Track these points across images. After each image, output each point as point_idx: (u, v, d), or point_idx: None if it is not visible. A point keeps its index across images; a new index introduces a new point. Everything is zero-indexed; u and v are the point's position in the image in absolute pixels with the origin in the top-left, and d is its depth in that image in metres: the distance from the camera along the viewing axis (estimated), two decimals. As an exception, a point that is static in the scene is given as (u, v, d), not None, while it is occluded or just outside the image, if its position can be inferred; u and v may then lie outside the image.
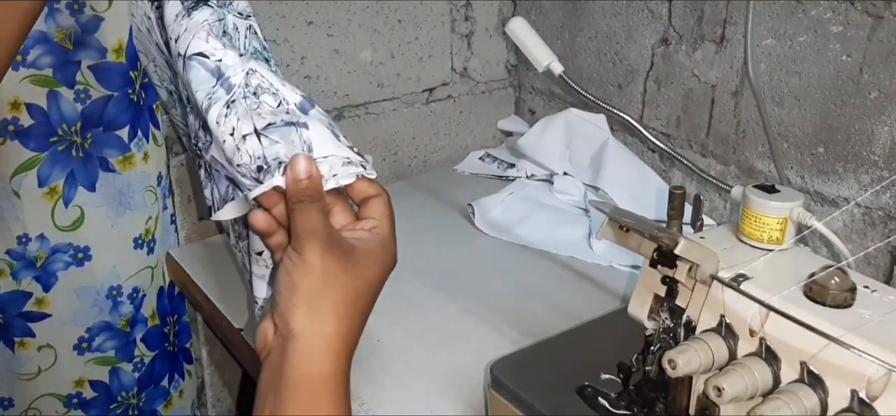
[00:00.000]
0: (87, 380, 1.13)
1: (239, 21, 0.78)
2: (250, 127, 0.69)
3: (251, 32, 0.79)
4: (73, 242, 1.07)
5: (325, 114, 0.73)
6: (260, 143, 0.68)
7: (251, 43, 0.78)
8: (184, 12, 0.75)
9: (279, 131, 0.69)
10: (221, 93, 0.71)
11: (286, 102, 0.71)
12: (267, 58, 0.78)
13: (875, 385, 0.57)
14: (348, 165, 0.70)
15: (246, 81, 0.71)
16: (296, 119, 0.70)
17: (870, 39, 0.96)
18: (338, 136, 0.71)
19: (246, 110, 0.69)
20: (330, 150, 0.69)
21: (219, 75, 0.71)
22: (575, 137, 1.33)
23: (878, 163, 0.99)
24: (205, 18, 0.74)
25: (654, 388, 0.73)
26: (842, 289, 0.63)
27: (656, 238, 0.70)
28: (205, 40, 0.72)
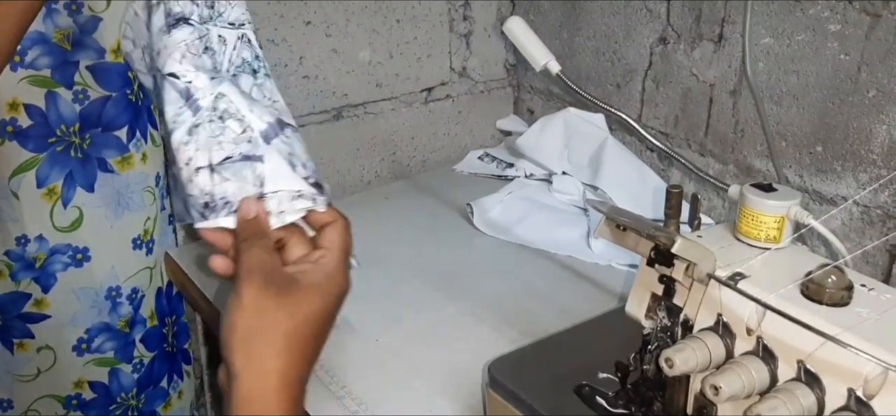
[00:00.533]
0: (86, 381, 1.13)
1: (228, 32, 0.78)
2: (206, 160, 0.72)
3: (243, 42, 0.79)
4: (71, 243, 1.07)
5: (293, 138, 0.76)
6: (211, 179, 0.71)
7: (240, 54, 0.78)
8: (165, 28, 0.76)
9: (233, 168, 0.71)
10: (188, 115, 0.74)
11: (251, 128, 0.73)
12: (256, 68, 0.78)
13: (872, 384, 0.57)
14: (298, 199, 0.73)
15: (214, 105, 0.74)
16: (253, 152, 0.72)
17: (868, 38, 0.96)
18: (295, 166, 0.73)
19: (207, 139, 0.72)
20: (282, 184, 0.72)
21: (187, 97, 0.74)
22: (574, 136, 1.33)
23: (877, 161, 0.99)
24: (183, 38, 0.76)
25: (652, 387, 0.73)
26: (838, 287, 0.63)
27: (653, 237, 0.70)
28: (178, 62, 0.75)
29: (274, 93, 0.80)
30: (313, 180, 0.75)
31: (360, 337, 0.98)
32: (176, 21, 0.76)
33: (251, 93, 0.78)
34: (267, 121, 0.75)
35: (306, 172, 0.75)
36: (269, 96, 0.80)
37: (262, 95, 0.79)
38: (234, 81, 0.76)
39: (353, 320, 1.01)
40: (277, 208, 0.72)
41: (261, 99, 0.77)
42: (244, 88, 0.77)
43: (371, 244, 1.19)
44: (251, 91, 0.78)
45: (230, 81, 0.76)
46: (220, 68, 0.76)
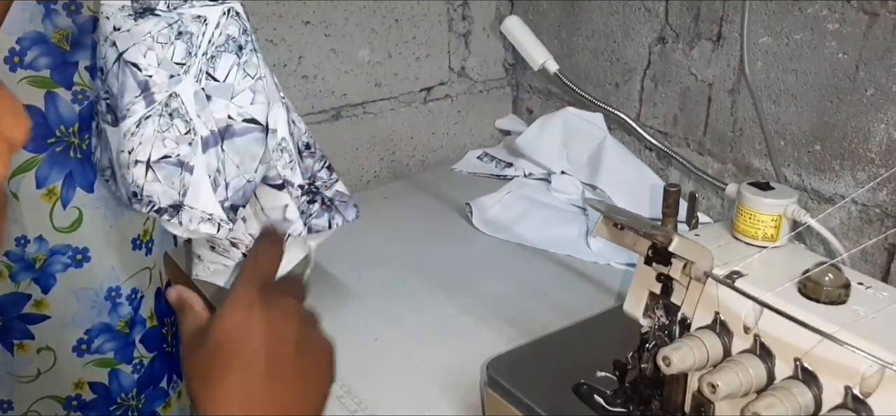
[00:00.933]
0: (86, 382, 1.13)
1: (210, 10, 0.80)
2: (145, 155, 0.77)
3: (229, 17, 0.80)
4: (71, 243, 1.07)
5: (230, 151, 0.81)
6: (145, 175, 0.77)
7: (225, 31, 0.80)
8: (131, 12, 0.78)
9: (166, 169, 0.77)
10: (141, 107, 0.78)
11: (194, 132, 0.78)
12: (241, 44, 0.81)
13: (869, 382, 0.57)
14: (206, 222, 0.79)
15: (167, 102, 0.78)
16: (188, 159, 0.78)
17: (866, 37, 0.97)
18: (217, 186, 0.79)
19: (152, 133, 0.77)
20: (198, 201, 0.78)
21: (145, 88, 0.78)
22: (572, 135, 1.33)
23: (875, 160, 0.99)
24: (148, 30, 0.78)
25: (650, 385, 0.73)
26: (835, 286, 0.63)
27: (651, 236, 0.70)
28: (143, 54, 0.78)
29: (260, 68, 0.82)
30: (229, 204, 0.79)
31: (359, 337, 0.98)
32: (142, 10, 0.78)
33: (230, 74, 0.80)
34: (210, 129, 0.79)
35: (225, 195, 0.80)
36: (254, 73, 0.81)
37: (245, 72, 0.80)
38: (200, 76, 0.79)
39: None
40: (186, 222, 0.78)
41: (242, 78, 0.80)
42: (225, 66, 0.80)
43: (370, 244, 1.19)
44: (230, 71, 0.80)
45: (191, 79, 0.79)
46: (195, 53, 0.78)
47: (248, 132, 0.80)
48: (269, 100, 0.83)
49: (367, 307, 1.04)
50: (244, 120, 0.80)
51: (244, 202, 0.82)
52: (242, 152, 0.80)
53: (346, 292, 1.07)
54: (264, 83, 0.82)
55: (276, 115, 0.83)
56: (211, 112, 0.79)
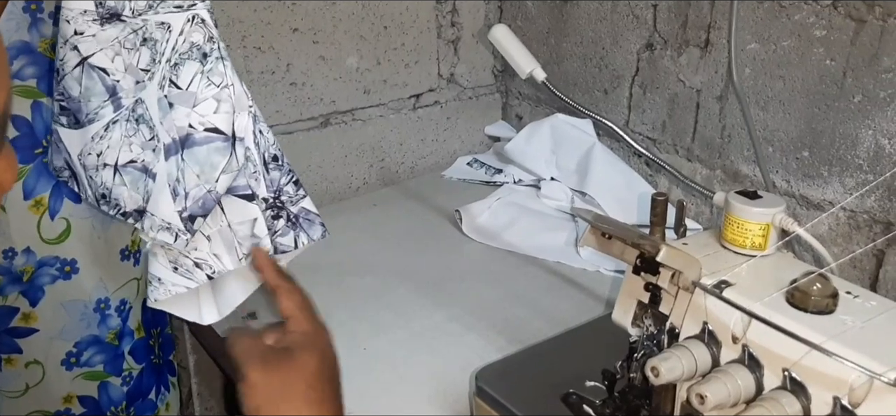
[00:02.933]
0: (75, 396, 1.12)
1: (174, 17, 0.80)
2: (113, 159, 0.79)
3: (194, 24, 0.80)
4: (59, 255, 1.06)
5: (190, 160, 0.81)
6: (113, 178, 0.79)
7: (189, 38, 0.79)
8: (96, 17, 0.79)
9: (132, 174, 0.79)
10: (109, 111, 0.79)
11: (158, 138, 0.79)
12: (206, 52, 0.80)
13: (857, 392, 0.58)
14: (165, 230, 0.80)
15: (133, 107, 0.78)
16: (152, 165, 0.79)
17: (853, 43, 0.97)
18: (176, 195, 0.79)
19: (120, 137, 0.79)
20: (158, 210, 0.80)
21: (112, 93, 0.79)
22: (562, 142, 1.33)
23: (863, 166, 0.99)
24: (115, 36, 0.78)
25: (639, 395, 0.73)
26: (823, 295, 0.63)
27: (638, 245, 0.70)
28: (111, 59, 0.78)
29: (227, 76, 0.81)
30: (188, 215, 0.79)
31: (348, 345, 0.98)
32: (109, 16, 0.78)
33: (193, 82, 0.80)
34: (172, 136, 0.79)
35: (184, 205, 0.80)
36: (219, 82, 0.80)
37: (209, 81, 0.80)
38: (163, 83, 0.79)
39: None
40: (148, 228, 0.80)
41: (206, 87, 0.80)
42: (188, 74, 0.80)
43: (359, 251, 1.19)
44: (193, 79, 0.80)
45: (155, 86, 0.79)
46: (159, 60, 0.78)
47: (209, 142, 0.79)
48: (236, 108, 0.81)
49: (355, 315, 1.04)
50: (206, 129, 0.80)
51: (204, 213, 0.81)
52: (203, 162, 0.79)
53: (335, 299, 1.06)
54: (230, 92, 0.81)
55: (242, 123, 0.82)
56: (173, 120, 0.78)
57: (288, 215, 0.87)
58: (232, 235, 0.84)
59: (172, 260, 0.83)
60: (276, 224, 0.86)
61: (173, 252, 0.83)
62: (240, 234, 0.84)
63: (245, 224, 0.84)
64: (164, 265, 0.83)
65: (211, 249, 0.83)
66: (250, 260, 0.83)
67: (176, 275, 0.83)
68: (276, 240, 0.86)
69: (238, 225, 0.84)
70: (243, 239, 0.84)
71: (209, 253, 0.83)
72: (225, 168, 0.80)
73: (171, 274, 0.83)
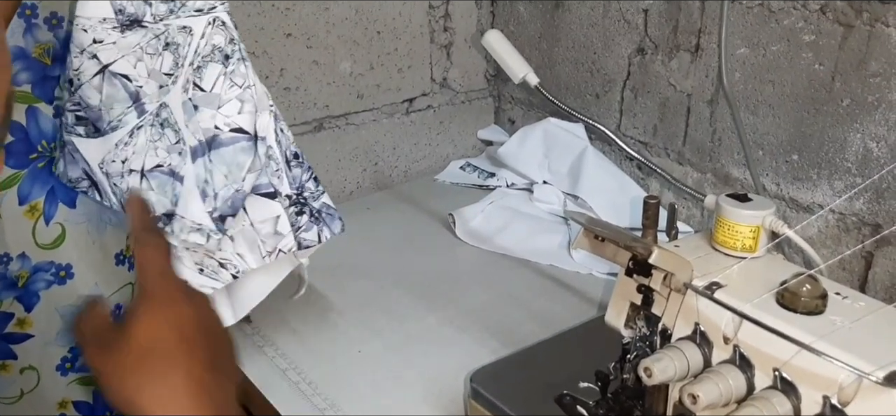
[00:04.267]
0: (70, 401, 1.12)
1: (195, 21, 0.80)
2: (139, 164, 0.79)
3: (215, 27, 0.81)
4: (54, 260, 1.06)
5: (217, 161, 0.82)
6: (140, 183, 0.79)
7: (211, 41, 0.80)
8: (116, 25, 0.78)
9: (159, 179, 0.79)
10: (133, 116, 0.79)
11: (183, 142, 0.79)
12: (228, 54, 0.81)
13: (846, 391, 0.58)
14: (195, 231, 0.80)
15: (157, 112, 0.78)
16: (179, 168, 0.79)
17: (841, 48, 0.98)
18: (206, 196, 0.80)
19: (145, 143, 0.79)
20: (189, 211, 0.80)
21: (136, 99, 0.78)
22: (554, 145, 1.34)
23: (852, 169, 1.00)
24: (137, 42, 0.78)
25: (632, 396, 0.74)
26: (813, 296, 0.64)
27: (631, 247, 0.71)
28: (133, 65, 0.78)
29: (248, 78, 0.82)
30: (218, 215, 0.80)
31: (342, 348, 0.99)
32: (129, 22, 0.78)
33: (216, 84, 0.81)
34: (198, 139, 0.79)
35: (214, 205, 0.81)
36: (241, 82, 0.82)
37: (232, 82, 0.81)
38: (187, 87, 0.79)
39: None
40: (178, 231, 0.79)
41: (229, 88, 0.81)
42: (212, 76, 0.81)
43: (353, 255, 1.19)
44: (217, 81, 0.81)
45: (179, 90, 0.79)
46: (182, 63, 0.79)
47: (235, 142, 0.81)
48: (257, 108, 0.83)
49: (349, 319, 1.04)
50: (231, 130, 0.81)
51: (233, 212, 0.82)
52: (230, 162, 0.81)
53: (329, 303, 1.07)
54: (252, 92, 0.82)
55: (264, 123, 0.83)
56: (198, 122, 0.79)
57: (310, 211, 0.89)
58: (255, 233, 0.85)
59: (198, 262, 0.84)
60: (300, 220, 0.88)
61: (199, 254, 0.83)
62: (263, 232, 0.85)
63: (268, 222, 0.85)
64: (190, 268, 0.84)
65: (235, 248, 0.84)
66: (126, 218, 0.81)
67: (202, 277, 0.84)
68: (300, 235, 0.88)
69: (261, 223, 0.85)
70: (266, 237, 0.85)
71: (233, 253, 0.84)
72: (250, 167, 0.82)
73: (198, 276, 0.84)
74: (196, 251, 0.83)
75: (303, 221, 0.88)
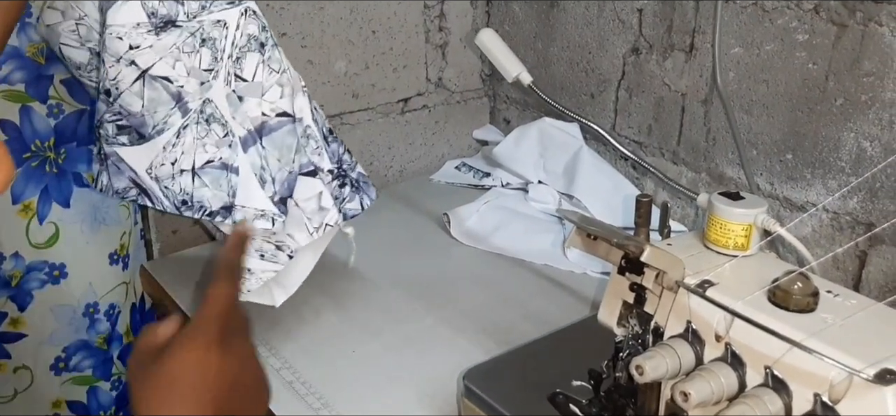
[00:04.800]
0: (64, 401, 1.12)
1: (228, 14, 0.82)
2: (190, 163, 0.79)
3: (248, 17, 0.82)
4: (48, 259, 1.07)
5: (270, 147, 0.84)
6: (192, 182, 0.79)
7: (246, 31, 0.81)
8: (151, 28, 0.78)
9: (212, 174, 0.79)
10: (177, 117, 0.79)
11: (232, 134, 0.80)
12: (263, 41, 0.83)
13: (837, 389, 0.58)
14: (260, 218, 0.82)
15: (201, 108, 0.78)
16: (231, 160, 0.80)
17: (835, 48, 0.98)
18: (264, 183, 0.81)
19: (192, 141, 0.79)
20: (250, 201, 0.81)
21: (178, 99, 0.79)
22: (549, 145, 1.34)
23: (845, 169, 1.00)
24: (173, 42, 0.78)
25: (625, 394, 0.74)
26: (804, 294, 0.64)
27: (623, 246, 0.71)
28: (172, 66, 0.78)
29: (282, 62, 0.85)
30: (278, 198, 0.81)
31: (337, 348, 0.99)
32: (163, 24, 0.78)
33: (257, 72, 0.82)
34: (247, 128, 0.80)
35: (273, 190, 0.82)
36: (278, 67, 0.84)
37: (271, 68, 0.83)
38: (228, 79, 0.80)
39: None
40: (240, 221, 0.80)
41: (269, 75, 0.82)
42: (252, 65, 0.82)
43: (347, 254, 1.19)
44: (257, 70, 0.82)
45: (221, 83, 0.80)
46: (221, 57, 0.79)
47: (282, 126, 0.83)
48: (294, 90, 0.85)
49: (344, 318, 1.04)
50: (277, 115, 0.83)
51: (290, 192, 0.84)
52: (281, 145, 0.83)
53: (323, 303, 1.07)
54: (289, 76, 0.84)
55: (300, 104, 0.85)
56: (245, 112, 0.81)
57: (351, 182, 0.92)
58: (300, 212, 0.86)
59: (257, 249, 0.85)
60: (343, 192, 0.90)
61: (257, 241, 0.85)
62: (308, 209, 0.86)
63: (312, 199, 0.87)
64: (251, 256, 0.85)
65: (285, 229, 0.85)
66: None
67: (264, 262, 0.86)
68: (345, 207, 0.90)
69: (305, 202, 0.86)
70: (312, 214, 0.87)
71: (285, 234, 0.86)
72: (297, 148, 0.84)
73: (260, 262, 0.86)
74: (254, 238, 0.85)
75: (346, 192, 0.91)
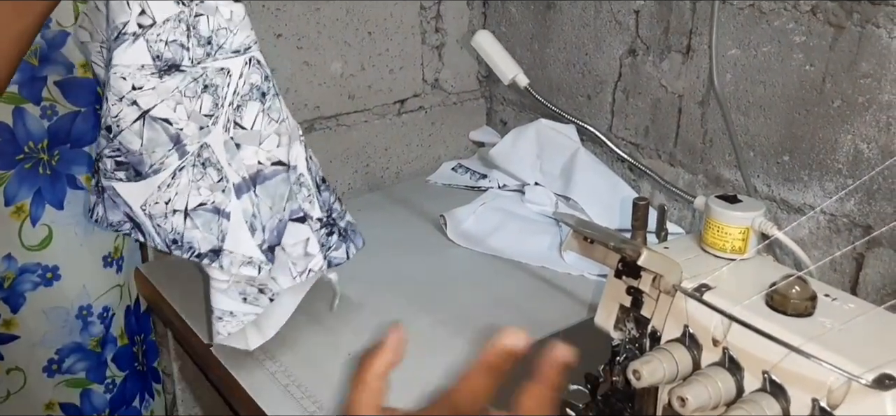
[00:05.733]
0: (57, 403, 1.12)
1: (232, 62, 0.83)
2: (183, 204, 0.80)
3: (252, 66, 0.84)
4: (41, 261, 1.06)
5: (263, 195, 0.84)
6: (184, 222, 0.80)
7: (249, 80, 0.83)
8: (154, 71, 0.80)
9: (203, 217, 0.81)
10: (174, 158, 0.81)
11: (227, 179, 0.81)
12: (264, 91, 0.84)
13: (835, 394, 0.58)
14: (247, 264, 0.83)
15: (199, 152, 0.80)
16: (223, 205, 0.81)
17: (832, 49, 0.98)
18: (254, 231, 0.82)
19: (187, 183, 0.80)
20: (239, 246, 0.82)
21: (177, 141, 0.80)
22: (546, 147, 1.34)
23: (842, 171, 1.00)
24: (176, 86, 0.80)
25: (622, 398, 0.74)
26: (802, 298, 0.64)
27: (620, 249, 0.71)
28: (173, 109, 0.80)
29: (282, 111, 0.87)
30: (267, 246, 0.82)
31: (332, 351, 0.98)
32: (167, 67, 0.79)
33: (256, 121, 0.83)
34: (241, 176, 0.82)
35: (263, 237, 0.83)
36: (277, 117, 0.86)
37: (270, 118, 0.84)
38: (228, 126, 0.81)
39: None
40: (227, 265, 0.80)
41: (268, 124, 0.83)
42: (251, 114, 0.83)
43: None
44: (256, 118, 0.83)
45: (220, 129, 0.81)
46: (222, 104, 0.81)
47: (276, 175, 0.84)
48: (291, 139, 0.86)
49: (340, 321, 1.04)
50: (272, 163, 0.84)
51: (279, 240, 0.85)
52: (273, 194, 0.84)
53: (319, 306, 1.06)
54: (287, 124, 0.85)
55: (296, 152, 0.86)
56: (242, 159, 0.83)
57: (339, 231, 0.93)
58: (286, 256, 0.87)
59: (241, 292, 0.86)
60: (330, 240, 0.91)
61: (242, 284, 0.86)
62: (293, 254, 0.87)
63: (299, 245, 0.88)
64: (233, 298, 0.86)
65: (270, 273, 0.86)
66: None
67: (246, 305, 0.87)
68: (330, 254, 0.91)
69: (292, 247, 0.87)
70: (297, 259, 0.88)
71: (269, 277, 0.87)
72: (289, 196, 0.85)
73: (242, 305, 0.87)
74: (239, 281, 0.85)
75: (332, 240, 0.92)
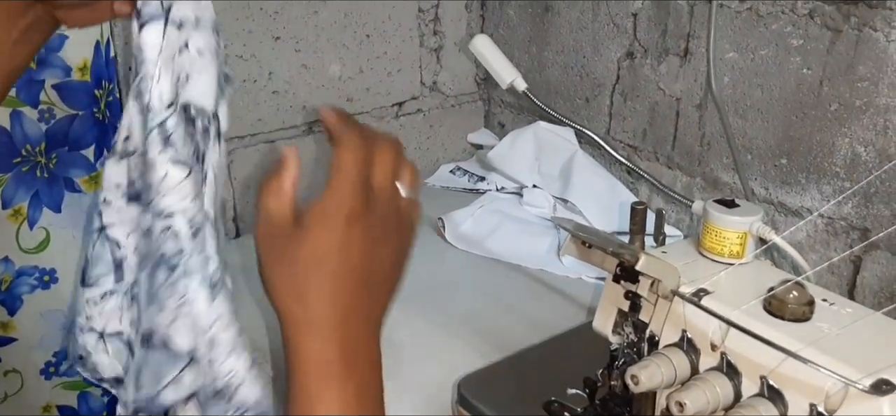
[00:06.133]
0: (54, 405, 1.12)
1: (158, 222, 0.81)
2: (101, 326, 0.76)
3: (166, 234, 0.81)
4: (38, 264, 1.06)
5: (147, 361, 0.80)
6: (96, 344, 0.75)
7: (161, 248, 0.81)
8: (124, 193, 0.78)
9: (116, 345, 0.76)
10: (109, 281, 0.81)
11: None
12: (174, 265, 0.79)
13: (833, 399, 0.58)
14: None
15: (132, 286, 0.79)
16: (134, 344, 0.76)
17: (829, 53, 0.98)
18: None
19: (113, 308, 0.81)
20: (128, 392, 0.75)
21: (118, 267, 0.79)
22: (544, 149, 1.34)
23: (840, 174, 1.00)
24: (134, 216, 0.78)
25: (620, 403, 0.74)
26: (800, 303, 0.64)
27: (618, 254, 0.71)
28: (125, 235, 0.77)
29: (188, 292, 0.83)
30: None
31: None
32: (135, 195, 0.78)
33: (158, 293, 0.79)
34: (143, 331, 0.80)
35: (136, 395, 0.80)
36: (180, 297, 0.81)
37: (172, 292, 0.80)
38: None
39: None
40: (124, 398, 0.78)
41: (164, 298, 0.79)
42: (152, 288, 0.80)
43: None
44: (157, 291, 0.78)
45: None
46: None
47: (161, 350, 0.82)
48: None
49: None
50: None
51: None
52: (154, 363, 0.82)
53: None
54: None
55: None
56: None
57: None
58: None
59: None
60: None
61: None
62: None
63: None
64: None
65: None
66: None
67: None
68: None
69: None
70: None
71: None
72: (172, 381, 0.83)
73: None
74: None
75: None
